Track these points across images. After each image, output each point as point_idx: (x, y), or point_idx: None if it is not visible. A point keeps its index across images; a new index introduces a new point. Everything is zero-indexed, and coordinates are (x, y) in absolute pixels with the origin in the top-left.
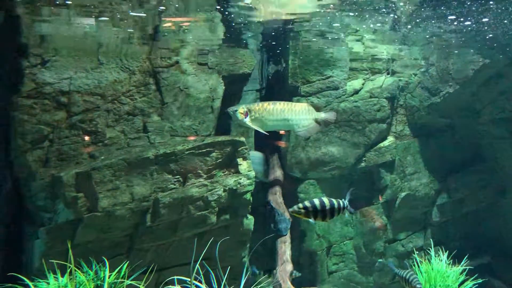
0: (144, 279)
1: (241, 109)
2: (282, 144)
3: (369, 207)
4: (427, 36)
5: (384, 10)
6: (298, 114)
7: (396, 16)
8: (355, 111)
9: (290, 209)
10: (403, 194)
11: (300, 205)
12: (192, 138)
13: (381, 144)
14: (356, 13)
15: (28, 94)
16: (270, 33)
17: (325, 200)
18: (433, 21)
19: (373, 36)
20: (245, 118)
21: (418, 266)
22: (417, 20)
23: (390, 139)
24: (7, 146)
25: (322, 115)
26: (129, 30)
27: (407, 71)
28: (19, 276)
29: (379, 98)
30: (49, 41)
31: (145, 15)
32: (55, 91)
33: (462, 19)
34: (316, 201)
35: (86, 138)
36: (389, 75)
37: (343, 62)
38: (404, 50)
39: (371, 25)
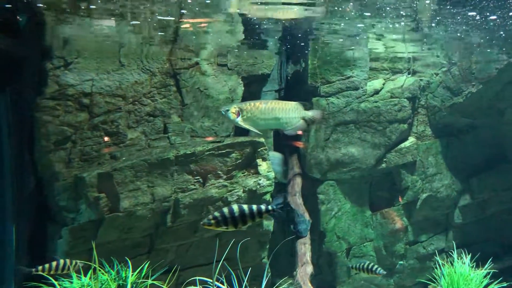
0: (168, 279)
1: (233, 108)
2: (300, 144)
3: (389, 209)
4: (449, 34)
5: (405, 8)
6: (288, 113)
7: (417, 15)
8: (375, 112)
9: (201, 223)
10: (424, 195)
11: (210, 216)
12: (211, 139)
13: (402, 145)
14: (376, 13)
15: (51, 96)
16: (290, 34)
17: (235, 207)
18: (455, 19)
19: (394, 36)
20: (237, 117)
21: (440, 269)
22: (438, 18)
23: (411, 139)
24: (31, 147)
25: (309, 114)
26: (149, 31)
27: (428, 71)
28: (44, 275)
29: (400, 98)
30: (71, 44)
31: (171, 18)
32: (78, 93)
33: (487, 14)
34: (226, 210)
35: (107, 139)
36: (410, 75)
37: (363, 62)
38: (425, 49)
39: (392, 24)
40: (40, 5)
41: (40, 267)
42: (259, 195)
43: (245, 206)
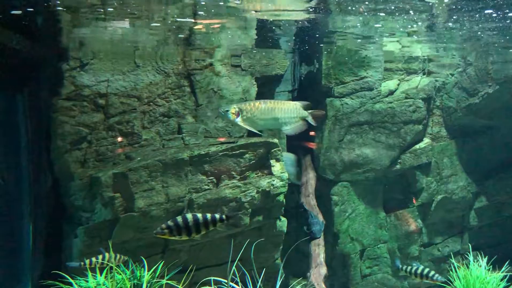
0: (183, 279)
1: (232, 109)
2: (313, 145)
3: (404, 210)
4: (465, 34)
5: (420, 8)
6: (288, 113)
7: (432, 14)
8: (390, 112)
9: (154, 232)
10: (439, 197)
11: (163, 225)
12: (225, 139)
13: (417, 146)
14: (391, 13)
15: (67, 97)
16: (303, 34)
17: (189, 216)
18: (471, 18)
19: (408, 36)
20: (237, 118)
21: (456, 272)
22: (454, 17)
23: (426, 140)
24: (48, 147)
25: (308, 113)
26: (164, 33)
27: (443, 71)
28: (61, 273)
29: (415, 99)
30: (87, 45)
31: (185, 20)
32: (93, 93)
33: (506, 12)
34: (179, 218)
35: (122, 139)
36: (425, 76)
37: (378, 63)
38: (441, 49)
39: (407, 25)
40: (59, 8)
41: (87, 261)
42: (273, 196)
43: (199, 215)
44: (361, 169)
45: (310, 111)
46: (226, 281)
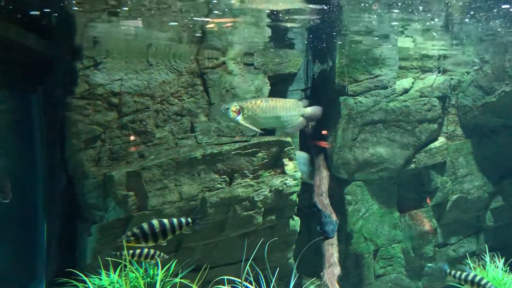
0: (198, 278)
1: (233, 107)
2: (325, 144)
3: (418, 210)
4: (481, 31)
5: (435, 5)
6: (289, 111)
7: (448, 11)
8: (404, 111)
9: (118, 240)
10: (454, 197)
11: (129, 233)
12: (238, 138)
13: (432, 145)
14: (405, 9)
15: (81, 95)
16: (316, 32)
17: (155, 222)
18: (487, 14)
19: (423, 33)
20: (238, 116)
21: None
22: (471, 13)
23: (441, 139)
24: (62, 146)
25: (308, 111)
26: (177, 31)
27: (459, 69)
28: (75, 271)
29: (430, 97)
30: (101, 44)
31: (198, 18)
32: (107, 92)
33: None
34: (145, 225)
35: (135, 138)
36: (440, 74)
37: (392, 61)
38: (456, 47)
39: (422, 22)
40: (74, 8)
41: (130, 252)
42: (286, 195)
43: (165, 220)
44: (375, 168)
45: (309, 108)
46: (239, 280)
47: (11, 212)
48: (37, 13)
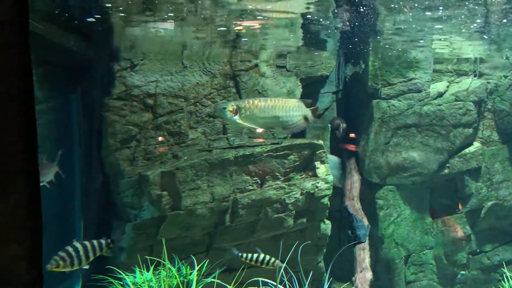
0: (234, 278)
1: (230, 106)
2: (354, 148)
3: (451, 216)
4: None
5: (472, 6)
6: (289, 111)
7: (485, 12)
8: (438, 115)
9: (47, 266)
10: (489, 203)
11: (56, 257)
12: (269, 140)
13: (467, 150)
14: (442, 11)
15: (118, 96)
16: (349, 34)
17: (78, 245)
18: None
19: (459, 36)
20: (235, 116)
21: (509, 281)
22: (510, 16)
23: (476, 144)
24: (99, 145)
25: (310, 111)
26: (211, 34)
27: (496, 73)
28: (114, 268)
29: (465, 101)
30: (138, 46)
31: (233, 21)
32: (143, 94)
33: None
34: (70, 248)
35: (161, 139)
36: (476, 77)
37: (427, 64)
38: (494, 50)
39: (457, 24)
40: (111, 8)
41: (245, 254)
42: (317, 198)
43: (86, 242)
44: (408, 173)
45: (311, 108)
46: (272, 282)
47: (50, 209)
48: (93, 20)
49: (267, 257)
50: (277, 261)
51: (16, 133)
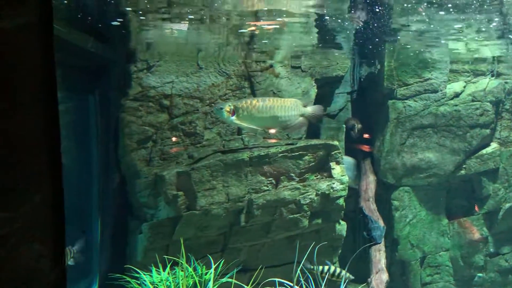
0: (252, 278)
1: (227, 107)
2: (369, 148)
3: (467, 218)
4: None
5: (489, 5)
6: (288, 111)
7: (503, 11)
8: (455, 116)
9: None
10: (507, 205)
11: None
12: (284, 140)
13: (484, 151)
14: (458, 11)
15: (134, 97)
16: (364, 34)
17: None
18: None
19: (476, 35)
20: (232, 116)
21: None
22: None
23: (494, 145)
24: (116, 146)
25: (308, 110)
26: (226, 35)
27: None
28: (131, 267)
29: (482, 101)
30: (154, 47)
31: (248, 22)
32: (159, 94)
33: None
34: None
35: (175, 139)
36: (493, 77)
37: (443, 64)
38: None
39: (475, 23)
40: (128, 9)
41: (321, 267)
42: (332, 199)
43: None
44: (424, 174)
45: (310, 107)
46: (288, 282)
47: (68, 209)
48: (118, 23)
49: (338, 269)
50: (348, 274)
51: (40, 134)
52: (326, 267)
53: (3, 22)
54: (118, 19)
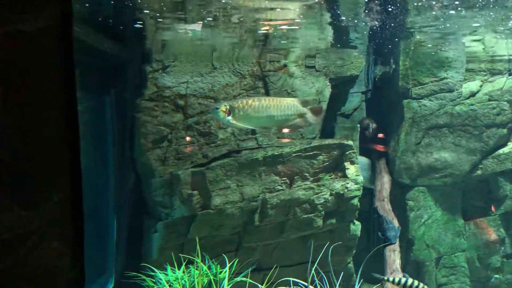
0: (267, 280)
1: (223, 107)
2: (384, 148)
3: (484, 218)
4: None
5: (507, 2)
6: (285, 110)
7: None
8: (471, 115)
9: None
10: None
11: None
12: (298, 140)
13: (500, 151)
14: (474, 8)
15: (150, 97)
16: (379, 33)
17: None
18: None
19: (493, 34)
20: (228, 116)
21: None
22: None
23: (511, 145)
24: (132, 145)
25: (307, 110)
26: (240, 35)
27: None
28: (147, 265)
29: (499, 101)
30: (169, 47)
31: (262, 22)
32: (174, 95)
33: None
34: None
35: (189, 139)
36: (511, 76)
37: (459, 63)
38: None
39: (491, 21)
40: (146, 11)
41: (391, 278)
42: (347, 199)
43: None
44: (439, 174)
45: (309, 107)
46: (303, 282)
47: (85, 208)
48: (141, 26)
49: (416, 282)
50: (425, 286)
51: (60, 134)
52: (403, 279)
53: (25, 25)
54: (136, 21)
